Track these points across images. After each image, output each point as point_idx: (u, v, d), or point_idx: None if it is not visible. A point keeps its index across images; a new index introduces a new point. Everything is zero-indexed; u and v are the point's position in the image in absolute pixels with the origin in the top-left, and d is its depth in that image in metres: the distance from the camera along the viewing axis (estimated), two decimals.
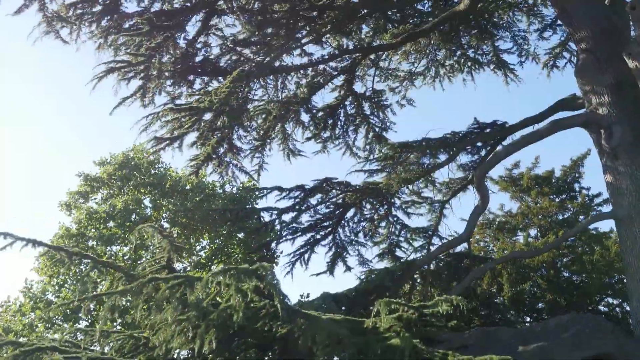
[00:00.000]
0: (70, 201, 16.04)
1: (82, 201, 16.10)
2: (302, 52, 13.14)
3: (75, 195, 16.12)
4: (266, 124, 13.52)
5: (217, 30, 12.20)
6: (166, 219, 15.20)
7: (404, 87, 15.11)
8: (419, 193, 13.14)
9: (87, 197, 16.13)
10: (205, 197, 14.58)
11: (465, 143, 11.99)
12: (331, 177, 12.39)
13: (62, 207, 16.11)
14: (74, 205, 15.99)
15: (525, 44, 15.41)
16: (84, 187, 16.08)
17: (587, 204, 18.76)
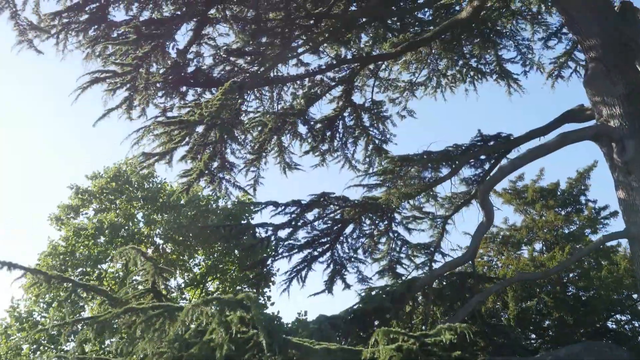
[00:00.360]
0: (61, 214, 15.54)
1: (73, 215, 15.59)
2: (299, 62, 12.69)
3: (66, 209, 15.62)
4: (261, 137, 13.05)
5: (210, 39, 11.74)
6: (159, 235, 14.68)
7: (404, 97, 14.64)
8: (420, 208, 12.63)
9: (78, 211, 15.63)
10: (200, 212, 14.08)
11: (468, 156, 11.50)
12: (329, 192, 11.90)
13: (52, 221, 15.62)
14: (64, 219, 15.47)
15: (530, 53, 14.95)
16: (75, 200, 15.58)
17: (594, 217, 18.24)
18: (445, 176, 11.79)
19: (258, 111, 13.10)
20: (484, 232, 9.93)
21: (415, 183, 11.60)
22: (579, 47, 14.79)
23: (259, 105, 13.07)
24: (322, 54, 12.69)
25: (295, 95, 13.17)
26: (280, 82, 12.67)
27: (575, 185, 18.62)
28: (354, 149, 14.44)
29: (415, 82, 14.60)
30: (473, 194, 12.16)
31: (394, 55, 12.61)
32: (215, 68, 12.15)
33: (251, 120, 13.39)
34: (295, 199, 11.84)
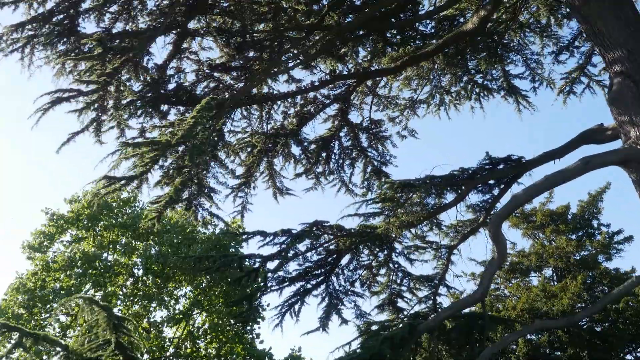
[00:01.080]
0: (35, 242, 14.42)
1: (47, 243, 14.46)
2: (290, 78, 11.67)
3: (41, 236, 14.51)
4: (250, 159, 12.01)
5: (192, 53, 10.76)
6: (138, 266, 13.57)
7: (404, 116, 13.58)
8: (423, 237, 11.52)
9: (53, 238, 14.52)
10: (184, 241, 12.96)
11: (476, 181, 10.41)
12: (322, 220, 10.79)
13: (25, 249, 14.50)
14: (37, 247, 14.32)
15: (539, 68, 13.93)
16: (49, 227, 14.47)
17: (607, 242, 17.12)
18: (450, 203, 10.70)
19: (246, 131, 12.08)
20: (496, 269, 8.82)
21: (417, 210, 10.50)
22: (593, 60, 13.98)
23: (247, 125, 12.06)
24: (315, 69, 11.68)
25: (286, 114, 12.16)
26: (269, 100, 11.66)
27: (587, 209, 17.51)
28: (351, 171, 13.44)
29: (416, 99, 13.57)
30: (481, 222, 11.06)
31: (393, 70, 11.58)
32: (198, 85, 11.16)
33: (240, 141, 12.37)
34: (285, 228, 10.74)
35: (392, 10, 11.94)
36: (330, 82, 11.63)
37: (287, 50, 10.77)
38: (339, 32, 10.44)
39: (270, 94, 11.69)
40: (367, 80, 12.46)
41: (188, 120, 8.09)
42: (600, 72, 13.88)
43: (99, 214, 13.76)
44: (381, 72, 11.95)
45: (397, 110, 13.50)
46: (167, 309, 13.38)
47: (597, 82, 13.87)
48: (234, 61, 10.88)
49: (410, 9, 12.25)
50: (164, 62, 10.63)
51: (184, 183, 8.62)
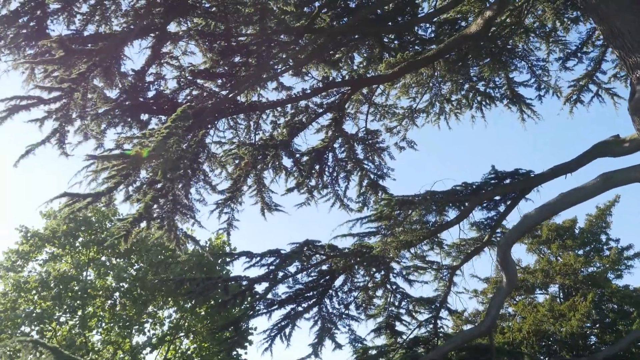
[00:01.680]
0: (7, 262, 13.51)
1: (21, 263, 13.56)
2: (279, 85, 10.86)
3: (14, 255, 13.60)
4: (236, 172, 11.16)
5: (172, 58, 9.92)
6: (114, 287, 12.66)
7: (403, 126, 12.76)
8: (423, 257, 10.68)
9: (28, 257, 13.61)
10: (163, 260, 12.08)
11: (480, 197, 9.59)
12: (313, 239, 9.97)
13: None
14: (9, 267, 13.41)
15: (545, 75, 13.14)
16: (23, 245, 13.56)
17: (617, 258, 16.26)
18: (452, 220, 9.89)
19: (233, 142, 11.23)
20: (505, 297, 7.98)
21: (416, 229, 9.67)
22: (602, 67, 13.18)
23: (234, 136, 11.21)
24: (306, 76, 10.86)
25: (275, 124, 11.30)
26: (257, 109, 10.82)
27: (595, 223, 16.63)
28: (346, 185, 12.57)
29: (415, 108, 12.75)
30: (486, 241, 10.23)
31: (390, 77, 10.75)
32: (180, 92, 10.32)
33: (227, 153, 11.53)
34: (273, 249, 9.92)
35: (389, 14, 11.16)
36: (323, 89, 10.79)
37: (275, 56, 9.95)
38: (331, 35, 9.63)
39: (259, 102, 10.86)
40: (362, 88, 11.64)
41: (161, 131, 7.25)
42: (610, 80, 13.11)
43: (76, 230, 12.91)
44: (377, 79, 11.13)
45: (395, 120, 12.69)
46: (145, 334, 12.48)
47: (606, 91, 13.09)
48: (219, 67, 10.07)
49: (408, 12, 11.47)
50: (142, 67, 9.81)
51: (155, 199, 7.76)
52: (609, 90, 13.17)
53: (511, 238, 7.53)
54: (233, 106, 10.61)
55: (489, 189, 9.60)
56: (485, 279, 17.30)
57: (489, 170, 9.55)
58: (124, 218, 7.87)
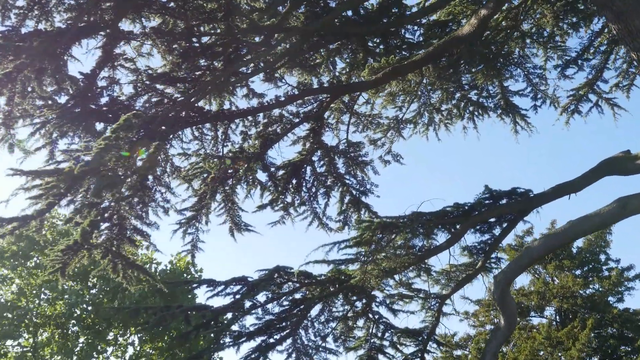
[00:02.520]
0: None
1: None
2: (250, 92, 9.75)
3: None
4: (201, 189, 10.04)
5: (127, 61, 8.79)
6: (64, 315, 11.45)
7: (388, 138, 11.66)
8: (409, 284, 9.56)
9: None
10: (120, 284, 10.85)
11: (473, 219, 8.52)
12: (284, 266, 8.84)
13: None
14: None
15: (542, 84, 12.12)
16: None
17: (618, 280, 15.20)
18: (442, 245, 8.80)
19: (199, 154, 10.11)
20: (502, 342, 6.86)
21: (401, 254, 8.56)
22: (604, 75, 12.19)
23: (199, 148, 10.09)
24: (280, 81, 9.77)
25: (246, 134, 10.18)
26: (225, 118, 9.71)
27: (594, 242, 15.57)
28: (326, 201, 11.47)
29: (402, 118, 11.66)
30: (479, 268, 9.14)
31: (373, 84, 9.67)
32: (137, 99, 9.19)
33: (193, 166, 10.41)
34: (239, 276, 8.77)
35: (373, 14, 10.10)
36: (299, 97, 9.72)
37: (243, 57, 8.85)
38: (305, 35, 8.53)
39: (227, 110, 9.76)
40: (343, 96, 10.54)
41: (98, 144, 6.12)
42: (611, 89, 12.13)
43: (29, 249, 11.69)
44: (359, 86, 10.04)
45: (379, 131, 11.58)
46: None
47: (606, 101, 12.09)
48: (180, 71, 8.95)
49: (394, 14, 10.41)
50: (93, 70, 8.69)
51: (94, 224, 6.60)
52: (609, 101, 12.19)
53: (510, 274, 6.44)
54: (198, 115, 9.51)
55: (483, 210, 8.53)
56: (477, 301, 16.26)
57: (483, 190, 8.48)
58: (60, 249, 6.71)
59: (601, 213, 5.95)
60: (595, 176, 8.07)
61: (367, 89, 10.12)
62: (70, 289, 11.47)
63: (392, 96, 11.22)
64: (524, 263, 6.40)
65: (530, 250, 6.28)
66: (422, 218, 8.39)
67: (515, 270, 6.53)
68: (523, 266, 6.54)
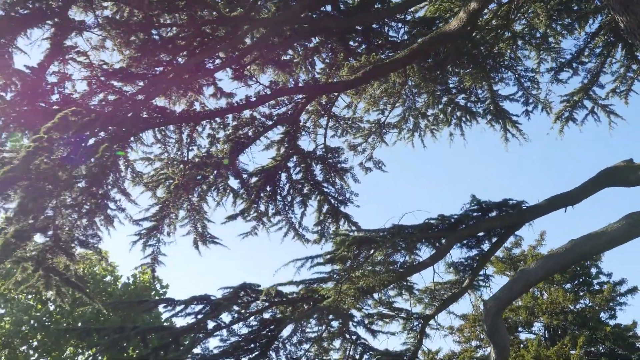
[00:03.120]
0: None
1: None
2: (217, 91, 8.93)
3: None
4: (164, 197, 9.18)
5: (79, 54, 7.94)
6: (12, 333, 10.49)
7: (369, 143, 10.85)
8: (389, 303, 8.73)
9: None
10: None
11: (460, 233, 7.74)
12: (251, 283, 7.99)
13: None
14: None
15: (534, 88, 11.40)
16: None
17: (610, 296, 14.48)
18: (425, 261, 7.99)
19: (161, 159, 9.25)
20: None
21: (380, 272, 7.73)
22: (600, 80, 11.49)
23: (162, 152, 9.23)
24: (250, 80, 8.94)
25: (214, 137, 9.34)
26: (190, 119, 8.86)
27: None
28: (303, 211, 10.64)
29: (384, 122, 10.87)
30: (466, 286, 8.34)
31: (353, 84, 8.86)
32: (92, 97, 8.33)
33: (158, 172, 9.56)
34: (200, 295, 7.91)
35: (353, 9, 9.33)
36: (272, 97, 8.88)
37: (210, 52, 8.02)
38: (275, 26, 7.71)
39: (192, 111, 8.91)
40: (319, 96, 9.73)
41: (26, 146, 5.26)
42: (607, 95, 11.41)
43: None
44: (337, 86, 9.22)
45: (360, 135, 10.78)
46: None
47: (602, 107, 11.36)
48: (139, 66, 8.10)
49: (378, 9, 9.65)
50: (41, 64, 7.83)
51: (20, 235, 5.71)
52: (605, 107, 11.47)
53: (503, 300, 5.64)
54: (160, 115, 8.65)
55: (471, 223, 7.75)
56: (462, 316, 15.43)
57: (470, 201, 7.69)
58: None
59: (609, 231, 5.19)
60: (595, 187, 7.34)
61: (346, 89, 9.32)
62: (17, 303, 10.51)
63: (374, 99, 10.42)
64: (519, 288, 5.62)
65: (526, 274, 5.49)
66: (403, 232, 7.59)
67: (509, 295, 5.74)
68: (517, 291, 5.76)
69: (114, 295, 11.11)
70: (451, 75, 11.10)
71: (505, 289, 5.65)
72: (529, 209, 7.58)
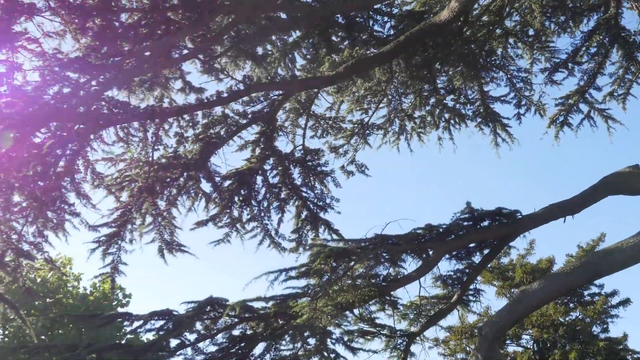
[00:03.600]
0: None
1: None
2: (186, 85, 8.17)
3: None
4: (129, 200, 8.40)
5: (30, 41, 7.15)
6: None
7: (352, 145, 10.13)
8: (371, 319, 7.99)
9: None
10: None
11: (449, 244, 7.04)
12: (219, 297, 7.22)
13: None
14: None
15: (527, 89, 10.78)
16: None
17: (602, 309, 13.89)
18: (411, 274, 7.29)
19: (123, 159, 8.47)
20: None
21: (361, 285, 7.01)
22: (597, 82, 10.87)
23: (125, 151, 8.45)
24: (221, 74, 8.19)
25: (182, 137, 8.57)
26: (155, 116, 8.08)
27: None
28: (280, 217, 9.91)
29: (368, 123, 10.16)
30: (455, 301, 7.64)
31: (333, 79, 8.14)
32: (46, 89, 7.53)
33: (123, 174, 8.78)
34: (162, 310, 7.12)
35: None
36: (245, 92, 8.13)
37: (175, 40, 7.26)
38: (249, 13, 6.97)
39: (159, 107, 8.14)
40: (298, 93, 9.00)
41: None
42: (605, 99, 10.77)
43: None
44: (317, 82, 8.48)
45: (342, 136, 10.05)
46: None
47: (599, 112, 10.70)
48: (97, 55, 7.32)
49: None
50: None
51: None
52: (602, 112, 10.82)
53: (501, 326, 4.93)
54: (122, 111, 7.88)
55: (461, 233, 7.05)
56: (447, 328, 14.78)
57: (463, 209, 7.00)
58: None
59: (624, 248, 4.51)
60: (597, 195, 6.69)
61: (326, 85, 8.60)
62: None
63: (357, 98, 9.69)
64: (519, 312, 4.90)
65: (527, 296, 4.76)
66: (387, 242, 6.88)
67: (508, 320, 5.02)
68: (517, 316, 5.05)
69: (69, 307, 10.27)
70: (440, 74, 10.46)
71: (503, 313, 4.94)
72: (524, 218, 6.91)
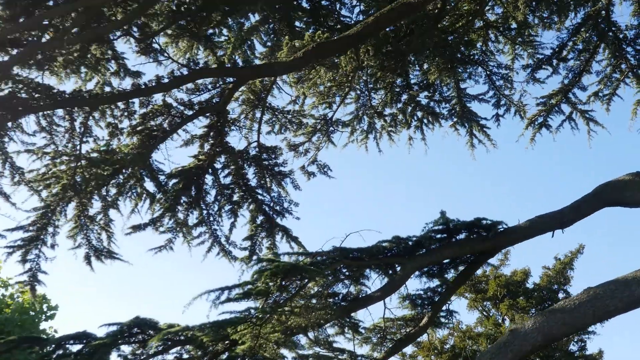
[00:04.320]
0: None
1: None
2: (120, 67, 7.04)
3: None
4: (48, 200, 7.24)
5: None
6: None
7: (313, 143, 9.07)
8: (329, 343, 6.96)
9: None
10: None
11: (419, 260, 6.05)
12: (148, 318, 6.11)
13: None
14: None
15: (507, 87, 9.93)
16: None
17: None
18: (375, 293, 6.28)
19: (46, 152, 7.31)
20: None
21: (316, 306, 5.98)
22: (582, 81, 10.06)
23: (48, 143, 7.28)
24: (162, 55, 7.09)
25: (115, 128, 7.44)
26: (84, 103, 6.94)
27: (553, 278, 13.42)
28: (233, 222, 8.85)
29: (332, 118, 9.13)
30: (425, 324, 6.66)
31: (292, 66, 7.09)
32: None
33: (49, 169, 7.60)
34: (77, 332, 5.99)
35: None
36: (189, 78, 7.03)
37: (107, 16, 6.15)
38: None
39: (87, 92, 7.00)
40: (251, 81, 7.92)
41: None
42: (589, 99, 9.95)
43: None
44: (272, 68, 7.40)
45: (302, 133, 8.99)
46: None
47: (582, 113, 9.89)
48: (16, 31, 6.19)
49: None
50: None
51: None
52: (585, 114, 10.01)
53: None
54: (45, 96, 6.73)
55: (433, 247, 6.06)
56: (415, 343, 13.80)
57: (436, 219, 6.00)
58: None
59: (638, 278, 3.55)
60: (591, 207, 5.78)
61: (283, 72, 7.55)
62: None
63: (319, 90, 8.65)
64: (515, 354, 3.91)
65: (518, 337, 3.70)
66: (347, 256, 5.86)
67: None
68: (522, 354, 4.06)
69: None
70: (413, 67, 9.51)
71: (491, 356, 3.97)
72: (507, 231, 5.96)
